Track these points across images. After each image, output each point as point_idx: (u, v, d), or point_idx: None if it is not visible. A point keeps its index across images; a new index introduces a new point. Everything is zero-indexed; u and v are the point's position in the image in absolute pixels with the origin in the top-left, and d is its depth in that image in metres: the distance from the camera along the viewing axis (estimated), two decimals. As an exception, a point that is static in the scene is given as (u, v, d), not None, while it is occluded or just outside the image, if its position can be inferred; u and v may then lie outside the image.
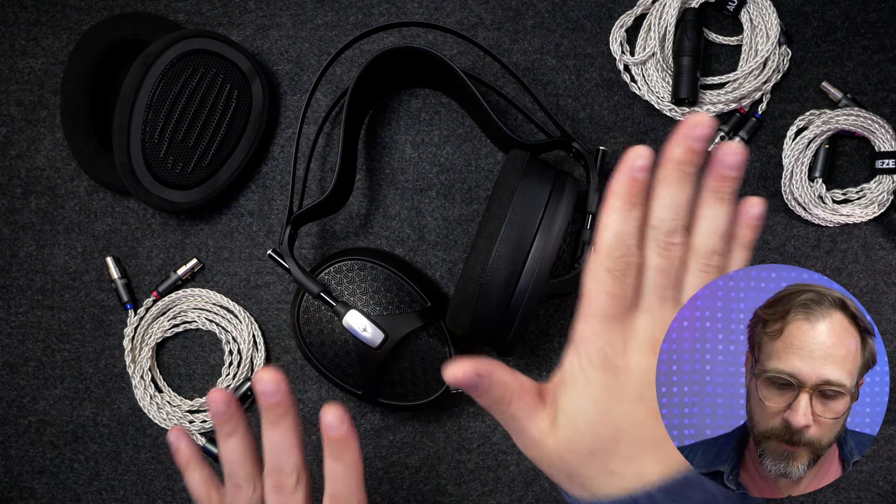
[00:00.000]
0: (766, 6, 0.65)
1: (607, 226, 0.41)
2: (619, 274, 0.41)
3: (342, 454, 0.44)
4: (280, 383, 0.44)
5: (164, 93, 0.60)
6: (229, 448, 0.47)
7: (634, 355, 0.43)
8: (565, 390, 0.42)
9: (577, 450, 0.42)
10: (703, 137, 0.40)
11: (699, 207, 0.43)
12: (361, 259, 0.59)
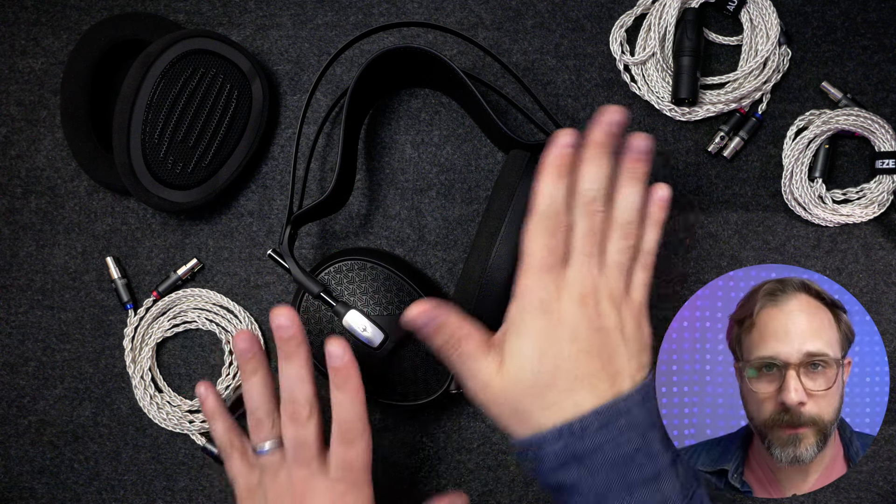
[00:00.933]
0: (766, 6, 0.65)
1: (541, 192, 0.48)
2: (551, 231, 0.48)
3: (346, 383, 0.50)
4: (294, 319, 0.50)
5: (164, 93, 0.60)
6: (252, 385, 0.52)
7: (566, 303, 0.48)
8: (509, 335, 0.49)
9: (520, 386, 0.47)
10: (617, 123, 0.50)
11: (618, 187, 0.50)
12: (361, 259, 0.59)
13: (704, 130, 0.66)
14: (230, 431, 0.55)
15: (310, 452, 0.51)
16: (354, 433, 0.50)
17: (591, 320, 0.48)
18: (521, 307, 0.49)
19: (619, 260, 0.50)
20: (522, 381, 0.48)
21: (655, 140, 0.50)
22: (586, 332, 0.48)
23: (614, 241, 0.50)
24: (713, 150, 0.65)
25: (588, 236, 0.49)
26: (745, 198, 0.65)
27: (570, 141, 0.49)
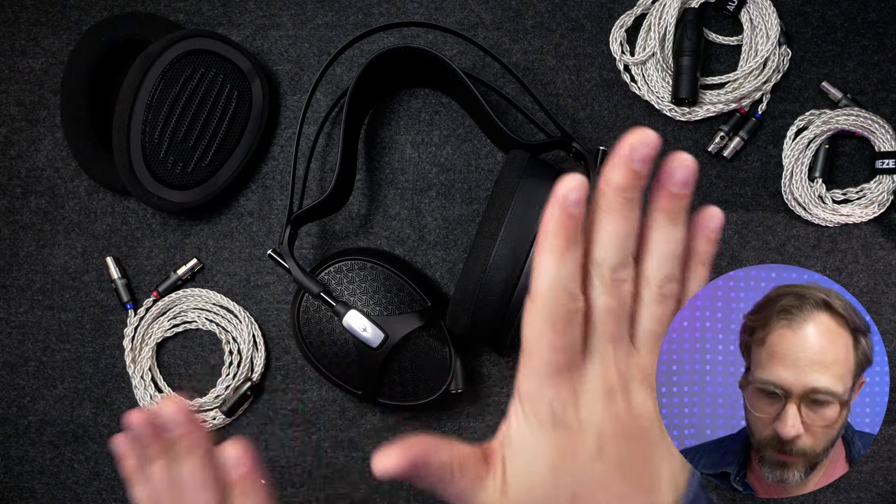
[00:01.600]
0: (766, 6, 0.65)
1: (543, 271, 0.35)
2: (562, 325, 0.35)
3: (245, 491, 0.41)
4: (183, 408, 0.41)
5: (164, 93, 0.60)
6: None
7: (588, 409, 0.37)
8: (513, 453, 0.38)
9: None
10: (645, 158, 0.35)
11: (648, 231, 0.37)
12: (361, 259, 0.59)
13: (704, 130, 0.66)
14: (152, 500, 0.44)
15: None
16: None
17: (621, 424, 0.38)
18: (526, 420, 0.37)
19: (654, 330, 0.40)
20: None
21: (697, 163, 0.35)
22: (615, 443, 0.38)
23: (648, 307, 0.39)
24: (713, 150, 0.65)
25: (613, 316, 0.37)
26: (745, 198, 0.65)
27: (579, 197, 0.34)
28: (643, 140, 0.34)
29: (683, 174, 0.36)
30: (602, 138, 0.66)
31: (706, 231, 0.39)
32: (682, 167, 0.35)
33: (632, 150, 0.34)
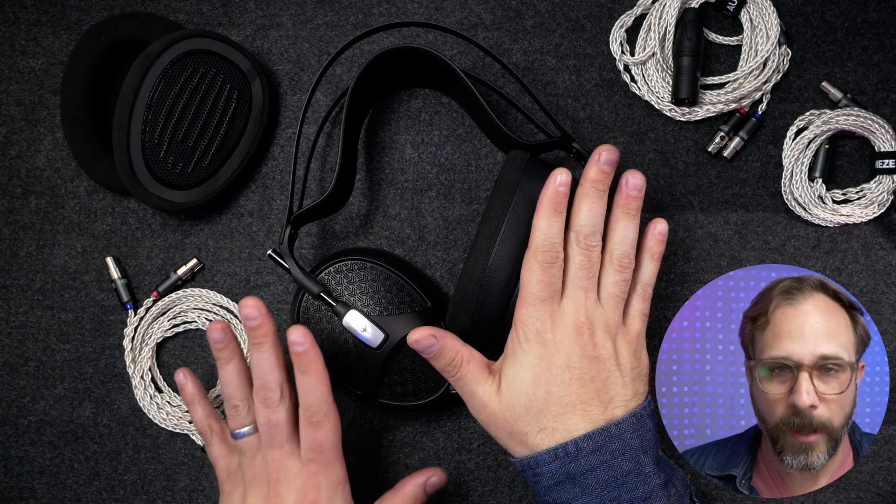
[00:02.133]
0: (766, 6, 0.65)
1: (538, 227, 0.51)
2: (547, 265, 0.50)
3: (309, 367, 0.52)
4: (260, 308, 0.52)
5: (164, 93, 0.60)
6: (227, 373, 0.55)
7: (561, 333, 0.51)
8: (507, 362, 0.52)
9: (516, 409, 0.51)
10: (610, 162, 0.52)
11: (612, 221, 0.53)
12: (361, 259, 0.59)
13: (704, 130, 0.66)
14: (209, 417, 0.58)
15: (282, 435, 0.53)
16: (321, 415, 0.52)
17: (585, 349, 0.50)
18: (518, 336, 0.51)
19: (614, 292, 0.52)
20: (518, 405, 0.51)
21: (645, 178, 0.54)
22: (580, 361, 0.50)
23: (609, 273, 0.52)
24: (713, 150, 0.65)
25: (583, 269, 0.51)
26: (745, 198, 0.65)
27: (566, 179, 0.51)
28: (609, 150, 0.52)
29: (636, 182, 0.52)
30: (602, 138, 0.66)
31: (655, 233, 0.54)
32: (635, 177, 0.53)
33: (601, 157, 0.52)
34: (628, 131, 0.66)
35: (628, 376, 0.52)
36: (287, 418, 0.53)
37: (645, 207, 0.65)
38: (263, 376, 0.53)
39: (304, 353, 0.51)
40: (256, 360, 0.53)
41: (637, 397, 0.52)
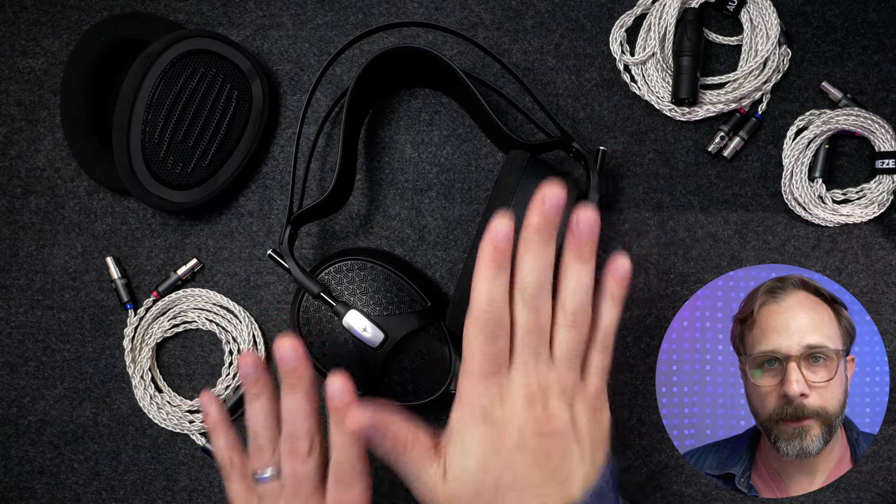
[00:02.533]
0: (766, 6, 0.65)
1: (478, 290, 0.44)
2: (492, 335, 0.44)
3: (340, 423, 0.46)
4: (298, 350, 0.46)
5: (164, 93, 0.60)
6: (254, 410, 0.49)
7: (510, 409, 0.44)
8: (452, 445, 0.45)
9: (463, 499, 0.45)
10: (556, 206, 0.44)
11: (563, 268, 0.46)
12: (361, 259, 0.59)
13: (704, 130, 0.66)
14: (231, 449, 0.52)
15: (307, 489, 0.48)
16: (352, 476, 0.47)
17: (539, 424, 0.44)
18: (462, 415, 0.45)
19: (569, 350, 0.46)
20: (465, 495, 0.45)
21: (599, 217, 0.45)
22: (534, 438, 0.44)
23: (563, 330, 0.46)
24: (713, 150, 0.65)
25: (532, 332, 0.45)
26: (745, 198, 0.65)
27: (506, 230, 0.44)
28: (553, 189, 0.43)
29: (588, 221, 0.44)
30: (602, 138, 0.66)
31: (615, 274, 0.47)
32: (587, 215, 0.44)
33: (545, 201, 0.44)
34: (628, 131, 0.66)
35: (587, 447, 0.46)
36: (315, 472, 0.48)
37: (645, 207, 0.65)
38: (294, 423, 0.47)
39: (342, 406, 0.45)
40: (288, 405, 0.47)
41: (596, 470, 0.46)
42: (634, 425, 0.65)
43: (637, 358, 0.65)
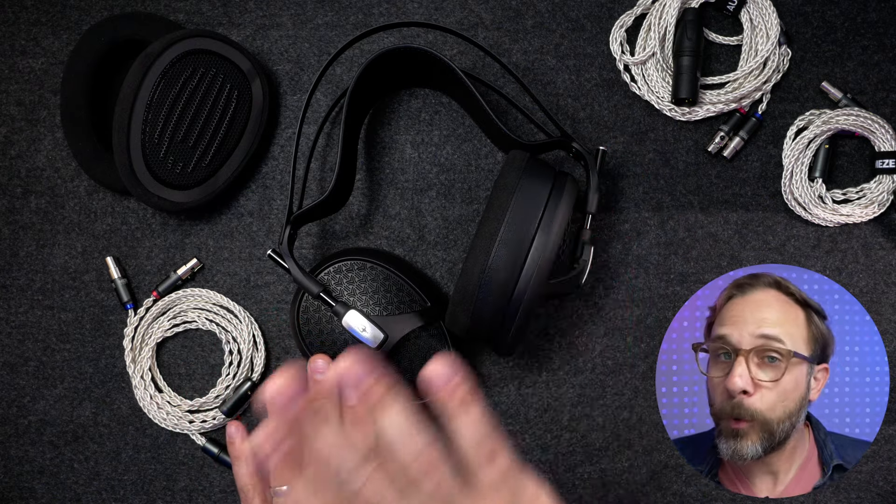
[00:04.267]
0: (766, 6, 0.65)
1: None
2: None
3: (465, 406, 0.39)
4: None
5: (164, 93, 0.60)
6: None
7: None
8: None
9: None
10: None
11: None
12: (361, 259, 0.59)
13: (704, 130, 0.66)
14: (253, 476, 0.54)
15: None
16: (497, 445, 0.40)
17: None
18: None
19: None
20: None
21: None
22: None
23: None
24: (713, 150, 0.65)
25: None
26: (745, 198, 0.65)
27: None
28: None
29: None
30: (602, 138, 0.66)
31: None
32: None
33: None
34: (628, 131, 0.66)
35: None
36: None
37: (645, 207, 0.65)
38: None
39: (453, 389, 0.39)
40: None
41: None
42: (634, 425, 0.65)
43: (637, 358, 0.65)
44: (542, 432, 0.65)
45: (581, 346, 0.65)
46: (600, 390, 0.65)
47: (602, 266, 0.65)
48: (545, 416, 0.65)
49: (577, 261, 0.58)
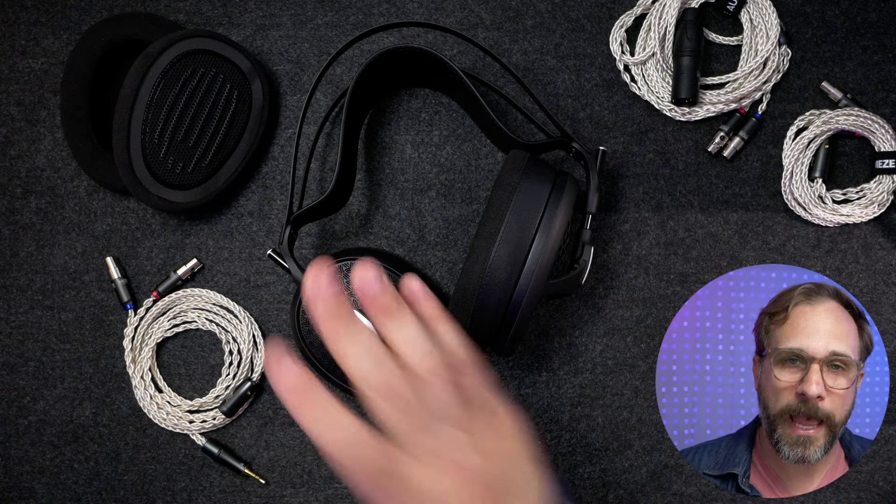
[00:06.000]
0: (766, 6, 0.65)
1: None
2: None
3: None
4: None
5: (164, 93, 0.60)
6: None
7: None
8: None
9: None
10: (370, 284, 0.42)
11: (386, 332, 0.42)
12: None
13: (704, 130, 0.66)
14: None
15: None
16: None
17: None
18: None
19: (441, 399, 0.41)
20: None
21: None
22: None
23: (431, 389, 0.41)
24: (713, 150, 0.65)
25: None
26: (745, 198, 0.65)
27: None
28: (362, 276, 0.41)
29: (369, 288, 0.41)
30: (602, 138, 0.66)
31: (413, 297, 0.44)
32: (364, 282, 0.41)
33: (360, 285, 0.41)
34: (628, 131, 0.66)
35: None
36: None
37: (645, 207, 0.65)
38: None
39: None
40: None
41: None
42: (634, 425, 0.65)
43: (637, 358, 0.65)
44: (542, 432, 0.65)
45: (581, 346, 0.65)
46: (600, 390, 0.65)
47: (602, 266, 0.65)
48: (545, 417, 0.65)
49: (577, 261, 0.58)
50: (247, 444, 0.65)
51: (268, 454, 0.65)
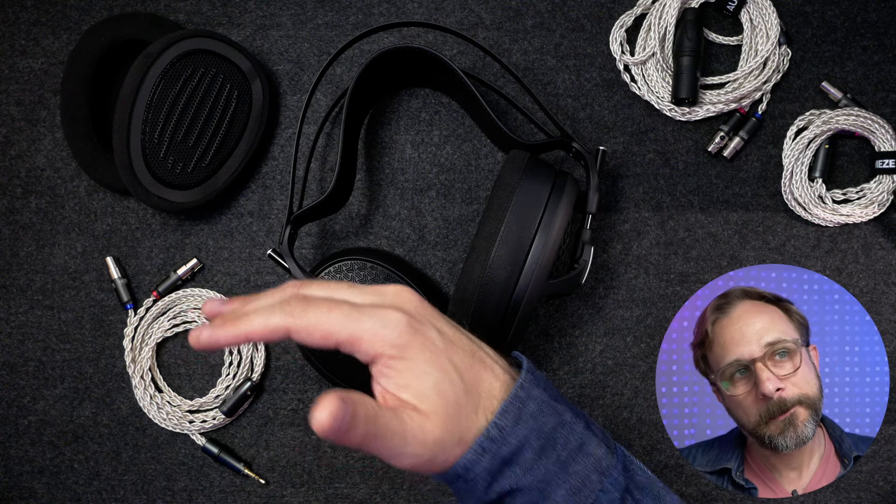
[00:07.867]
0: (766, 6, 0.65)
1: None
2: None
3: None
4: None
5: (164, 93, 0.60)
6: None
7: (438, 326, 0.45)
8: (406, 380, 0.43)
9: (452, 417, 0.43)
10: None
11: None
12: (361, 259, 0.59)
13: (704, 130, 0.66)
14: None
15: None
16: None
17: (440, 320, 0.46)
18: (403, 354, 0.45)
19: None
20: (451, 411, 0.43)
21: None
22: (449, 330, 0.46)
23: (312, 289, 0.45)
24: (713, 150, 0.65)
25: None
26: (745, 198, 0.65)
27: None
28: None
29: (216, 308, 0.45)
30: (602, 138, 0.66)
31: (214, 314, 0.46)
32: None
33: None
34: (628, 131, 0.66)
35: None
36: None
37: (645, 207, 0.65)
38: None
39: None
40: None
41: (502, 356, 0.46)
42: (634, 425, 0.65)
43: (637, 358, 0.65)
44: (542, 432, 0.64)
45: (581, 346, 0.65)
46: (600, 390, 0.65)
47: (602, 266, 0.65)
48: (545, 416, 0.65)
49: (577, 261, 0.58)
50: (247, 444, 0.65)
51: (268, 454, 0.65)
